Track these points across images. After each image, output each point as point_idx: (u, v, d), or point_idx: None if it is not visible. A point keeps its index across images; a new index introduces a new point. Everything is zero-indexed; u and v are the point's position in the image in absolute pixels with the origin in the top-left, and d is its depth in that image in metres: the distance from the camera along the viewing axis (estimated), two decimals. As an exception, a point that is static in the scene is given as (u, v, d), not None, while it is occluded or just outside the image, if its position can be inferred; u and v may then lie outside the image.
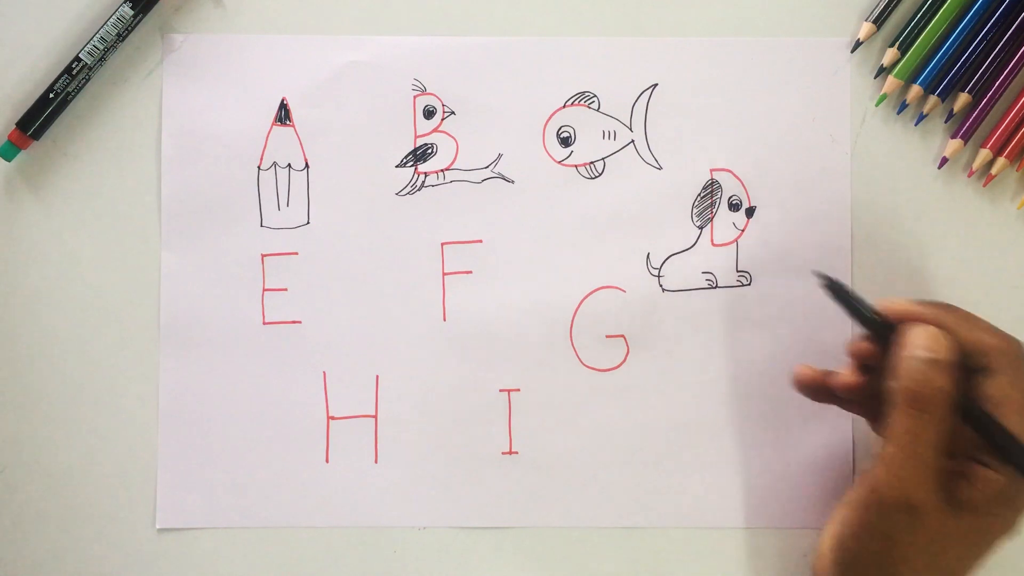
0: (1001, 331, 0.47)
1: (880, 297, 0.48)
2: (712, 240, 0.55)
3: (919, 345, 0.45)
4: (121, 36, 0.53)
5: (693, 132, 0.55)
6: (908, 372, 0.45)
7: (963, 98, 0.54)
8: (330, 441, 0.54)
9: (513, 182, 0.55)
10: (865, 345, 0.48)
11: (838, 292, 0.48)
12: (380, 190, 0.55)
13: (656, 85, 0.55)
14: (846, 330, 0.54)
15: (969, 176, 0.55)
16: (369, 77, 0.54)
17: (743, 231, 0.55)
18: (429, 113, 0.55)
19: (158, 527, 0.54)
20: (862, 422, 0.54)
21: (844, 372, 0.49)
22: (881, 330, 0.47)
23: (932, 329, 0.46)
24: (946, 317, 0.47)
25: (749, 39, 0.55)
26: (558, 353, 0.55)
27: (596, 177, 0.55)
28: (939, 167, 0.55)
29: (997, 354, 0.46)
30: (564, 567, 0.54)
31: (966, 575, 0.47)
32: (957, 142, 0.54)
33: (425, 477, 0.54)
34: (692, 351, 0.55)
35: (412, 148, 0.55)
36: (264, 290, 0.55)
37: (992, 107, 0.54)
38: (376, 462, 0.54)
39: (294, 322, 0.55)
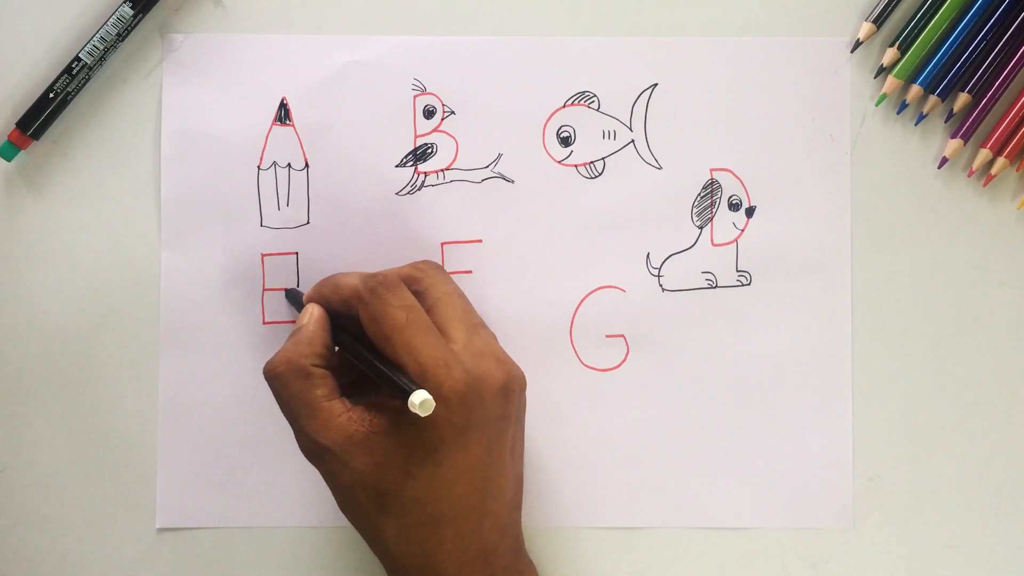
0: (365, 273, 0.49)
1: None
2: (712, 240, 0.55)
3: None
4: (121, 36, 0.53)
5: (693, 132, 0.55)
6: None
7: (963, 98, 0.54)
8: (330, 441, 0.54)
9: (513, 182, 0.55)
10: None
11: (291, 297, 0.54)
12: (380, 190, 0.55)
13: (656, 85, 0.55)
14: (846, 329, 0.54)
15: (969, 176, 0.55)
16: (369, 77, 0.54)
17: (743, 231, 0.55)
18: (429, 113, 0.55)
19: (158, 527, 0.54)
20: (862, 422, 0.54)
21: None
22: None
23: (307, 307, 0.50)
24: (321, 287, 0.50)
25: (749, 39, 0.55)
26: (558, 353, 0.55)
27: (596, 177, 0.55)
28: (939, 167, 0.55)
29: (354, 299, 0.48)
30: (564, 567, 0.54)
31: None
32: (957, 142, 0.54)
33: (425, 477, 0.54)
34: (692, 351, 0.55)
35: (412, 148, 0.55)
36: (264, 290, 0.55)
37: (992, 107, 0.54)
38: (376, 462, 0.54)
39: (294, 322, 0.54)
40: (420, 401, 0.44)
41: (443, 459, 0.46)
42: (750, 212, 0.55)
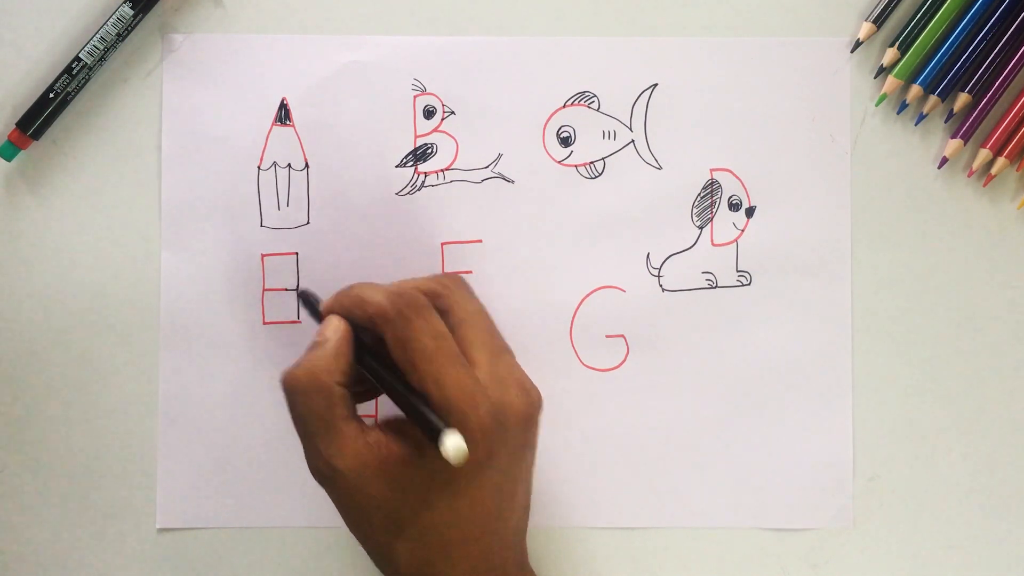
0: (391, 289, 0.47)
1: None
2: (712, 240, 0.55)
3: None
4: (121, 36, 0.53)
5: (693, 132, 0.55)
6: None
7: (963, 98, 0.54)
8: (330, 441, 0.54)
9: (513, 182, 0.55)
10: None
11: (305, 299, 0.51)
12: (380, 190, 0.55)
13: (656, 85, 0.55)
14: (846, 330, 0.54)
15: (969, 176, 0.55)
16: (369, 77, 0.54)
17: (743, 231, 0.55)
18: (429, 113, 0.55)
19: (158, 527, 0.54)
20: (862, 422, 0.54)
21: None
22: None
23: (331, 318, 0.47)
24: (343, 298, 0.48)
25: (749, 39, 0.55)
26: (558, 353, 0.55)
27: (596, 177, 0.55)
28: (939, 167, 0.55)
29: (380, 319, 0.46)
30: (564, 567, 0.54)
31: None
32: (957, 142, 0.54)
33: (425, 477, 0.54)
34: (692, 351, 0.55)
35: (412, 148, 0.55)
36: (264, 290, 0.55)
37: (992, 107, 0.54)
38: (376, 462, 0.54)
39: (294, 322, 0.55)
40: (453, 449, 0.43)
41: (462, 488, 0.46)
42: (750, 212, 0.55)
